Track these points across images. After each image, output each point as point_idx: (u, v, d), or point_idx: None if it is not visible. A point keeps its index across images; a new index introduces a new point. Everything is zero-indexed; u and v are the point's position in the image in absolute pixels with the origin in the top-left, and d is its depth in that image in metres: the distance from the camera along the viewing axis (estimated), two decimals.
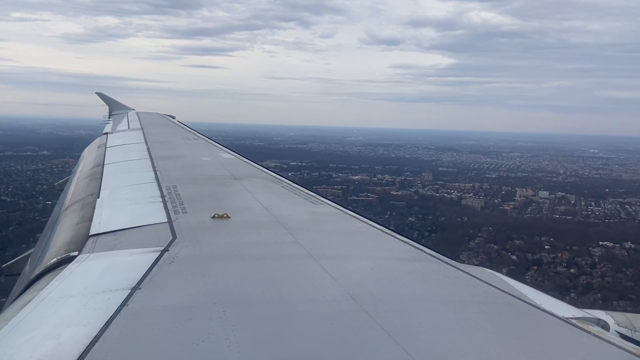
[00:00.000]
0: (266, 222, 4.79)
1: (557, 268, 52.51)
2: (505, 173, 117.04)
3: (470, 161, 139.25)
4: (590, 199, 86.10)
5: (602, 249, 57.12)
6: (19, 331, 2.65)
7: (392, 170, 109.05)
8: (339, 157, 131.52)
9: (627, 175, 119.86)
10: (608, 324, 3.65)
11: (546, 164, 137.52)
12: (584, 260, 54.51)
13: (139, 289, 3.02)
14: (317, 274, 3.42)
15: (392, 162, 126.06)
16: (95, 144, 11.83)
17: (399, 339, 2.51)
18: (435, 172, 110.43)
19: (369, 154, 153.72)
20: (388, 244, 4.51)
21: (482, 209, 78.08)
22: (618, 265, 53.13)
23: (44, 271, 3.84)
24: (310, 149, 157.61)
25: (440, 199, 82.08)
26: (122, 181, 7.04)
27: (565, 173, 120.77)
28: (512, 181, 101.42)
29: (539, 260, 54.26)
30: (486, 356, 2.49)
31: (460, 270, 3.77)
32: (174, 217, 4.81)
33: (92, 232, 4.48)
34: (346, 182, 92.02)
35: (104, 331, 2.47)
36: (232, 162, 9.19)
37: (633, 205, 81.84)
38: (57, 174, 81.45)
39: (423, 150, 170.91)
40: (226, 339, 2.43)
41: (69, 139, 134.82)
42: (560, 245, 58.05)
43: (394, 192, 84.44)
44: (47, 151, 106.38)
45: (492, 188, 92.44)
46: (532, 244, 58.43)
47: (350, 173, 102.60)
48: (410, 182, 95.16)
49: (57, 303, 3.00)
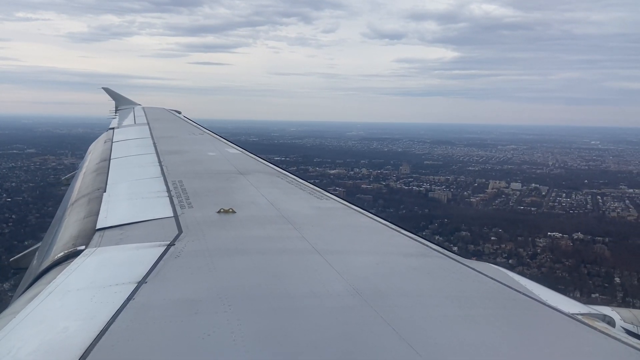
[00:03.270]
0: (272, 217, 4.81)
1: (496, 259, 52.30)
2: (490, 166, 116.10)
3: (461, 154, 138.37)
4: (564, 190, 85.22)
5: (549, 239, 56.82)
6: (26, 324, 2.67)
7: (376, 164, 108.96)
8: (328, 152, 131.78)
9: (617, 166, 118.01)
10: (614, 320, 3.66)
11: (538, 156, 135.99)
12: (526, 251, 54.36)
13: (146, 283, 3.05)
14: (322, 268, 3.43)
15: (381, 156, 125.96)
16: (102, 139, 11.96)
17: (404, 334, 2.51)
18: (420, 165, 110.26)
19: (361, 148, 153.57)
20: (393, 239, 4.51)
21: (448, 201, 77.93)
22: (558, 255, 52.94)
23: (51, 265, 3.86)
24: (303, 144, 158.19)
25: (409, 191, 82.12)
26: (128, 176, 7.07)
27: (554, 165, 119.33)
28: (493, 174, 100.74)
29: (480, 251, 54.17)
30: (491, 352, 2.49)
31: (466, 265, 3.77)
32: (180, 212, 4.84)
33: (98, 226, 4.49)
34: (321, 176, 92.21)
35: (111, 324, 2.50)
36: (237, 157, 9.27)
37: (605, 196, 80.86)
38: (32, 171, 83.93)
39: (418, 144, 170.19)
40: (232, 333, 2.45)
41: (62, 137, 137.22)
42: (508, 236, 57.92)
43: (365, 186, 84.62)
44: (34, 149, 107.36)
45: (466, 180, 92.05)
46: (480, 235, 58.41)
47: (329, 167, 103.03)
48: (385, 175, 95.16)
49: (64, 296, 3.03)
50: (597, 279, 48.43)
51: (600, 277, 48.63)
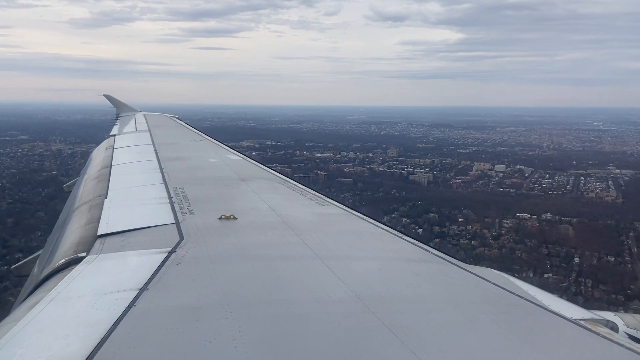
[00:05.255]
0: (273, 223, 4.80)
1: (460, 240, 52.51)
2: (483, 148, 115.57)
3: (457, 137, 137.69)
4: (549, 171, 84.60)
5: (516, 220, 56.68)
6: (28, 331, 2.67)
7: (368, 147, 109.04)
8: (322, 136, 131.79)
9: (612, 147, 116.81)
10: (617, 326, 3.65)
11: (534, 138, 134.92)
12: (491, 232, 54.35)
13: (147, 290, 3.04)
14: (323, 274, 3.42)
15: (374, 139, 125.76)
16: (103, 146, 12.01)
17: (406, 340, 2.51)
18: (412, 148, 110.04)
19: (358, 132, 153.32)
20: (395, 245, 4.51)
21: (428, 184, 77.94)
22: (522, 236, 52.89)
23: (52, 272, 3.86)
24: (300, 129, 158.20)
25: (391, 174, 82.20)
26: (129, 182, 7.11)
27: (547, 147, 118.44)
28: (483, 156, 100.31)
29: (445, 232, 54.33)
30: (494, 358, 2.48)
31: (467, 271, 3.76)
32: (181, 218, 4.83)
33: (99, 233, 4.50)
34: (307, 160, 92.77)
35: (112, 332, 2.50)
36: (238, 163, 9.32)
37: (589, 177, 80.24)
38: (17, 157, 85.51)
39: (416, 127, 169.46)
40: (233, 339, 2.44)
41: (59, 123, 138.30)
42: (475, 217, 57.87)
43: (348, 169, 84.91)
44: (27, 136, 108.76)
45: (452, 163, 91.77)
46: (447, 217, 58.45)
47: (317, 151, 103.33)
48: (372, 159, 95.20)
49: (65, 304, 3.03)
50: (555, 259, 48.18)
51: (560, 257, 48.41)
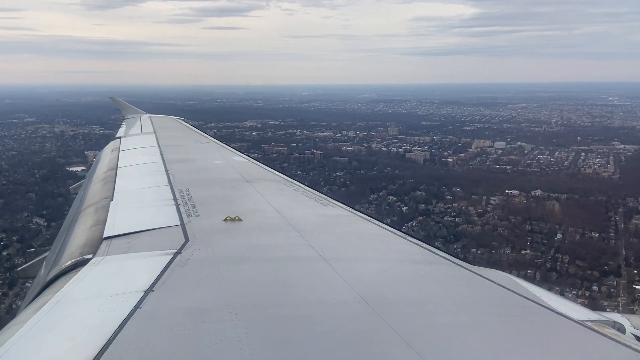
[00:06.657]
0: (278, 225, 4.83)
1: (444, 218, 52.26)
2: (489, 125, 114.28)
3: (464, 114, 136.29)
4: (550, 147, 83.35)
5: (504, 197, 56.19)
6: (34, 333, 2.69)
7: (371, 126, 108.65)
8: (328, 115, 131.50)
9: (622, 122, 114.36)
10: (624, 327, 3.61)
11: (544, 114, 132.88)
12: (476, 209, 53.97)
13: (152, 292, 3.06)
14: (329, 276, 3.43)
15: (380, 117, 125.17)
16: (109, 148, 12.13)
17: (412, 341, 2.51)
18: (416, 126, 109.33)
19: (365, 110, 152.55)
20: (400, 247, 4.52)
21: (424, 162, 77.50)
22: (507, 213, 52.43)
23: (59, 274, 3.89)
24: (307, 108, 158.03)
25: (387, 153, 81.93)
26: (135, 184, 7.14)
27: (556, 123, 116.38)
28: (487, 133, 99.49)
29: (430, 210, 54.15)
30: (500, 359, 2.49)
31: (473, 272, 3.77)
32: (186, 220, 4.86)
33: (105, 235, 4.52)
34: (307, 139, 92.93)
35: (118, 333, 2.51)
36: (243, 165, 9.35)
37: (591, 153, 78.85)
38: (20, 139, 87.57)
39: (425, 104, 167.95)
40: (239, 341, 2.46)
41: (68, 105, 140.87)
42: (464, 195, 57.53)
43: (345, 148, 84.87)
44: (34, 118, 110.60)
45: (452, 140, 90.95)
46: (435, 194, 58.19)
47: (319, 130, 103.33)
48: (371, 137, 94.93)
49: (71, 305, 3.05)
50: (537, 235, 47.59)
51: (542, 234, 47.79)
